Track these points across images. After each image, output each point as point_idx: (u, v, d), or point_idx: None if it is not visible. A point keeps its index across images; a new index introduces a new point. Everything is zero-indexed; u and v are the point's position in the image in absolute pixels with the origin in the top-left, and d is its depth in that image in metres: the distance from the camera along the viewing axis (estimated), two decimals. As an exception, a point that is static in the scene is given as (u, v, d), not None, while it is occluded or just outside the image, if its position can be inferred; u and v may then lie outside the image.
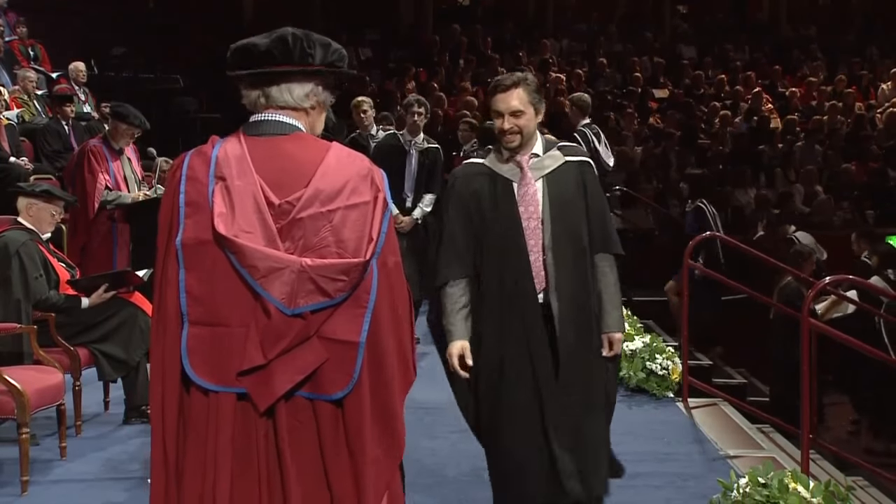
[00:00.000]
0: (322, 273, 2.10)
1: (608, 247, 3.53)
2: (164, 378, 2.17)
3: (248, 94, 2.28)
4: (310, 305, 2.10)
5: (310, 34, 2.28)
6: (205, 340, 2.13)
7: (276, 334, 2.09)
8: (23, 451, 4.36)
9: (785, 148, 13.48)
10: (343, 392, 2.13)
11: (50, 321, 5.06)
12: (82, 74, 10.80)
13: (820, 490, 3.68)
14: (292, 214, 2.14)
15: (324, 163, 2.19)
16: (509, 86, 3.41)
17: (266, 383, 2.10)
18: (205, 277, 2.13)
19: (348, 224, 2.16)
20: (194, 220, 2.15)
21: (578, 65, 16.09)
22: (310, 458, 2.15)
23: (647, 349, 6.31)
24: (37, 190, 5.40)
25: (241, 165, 2.17)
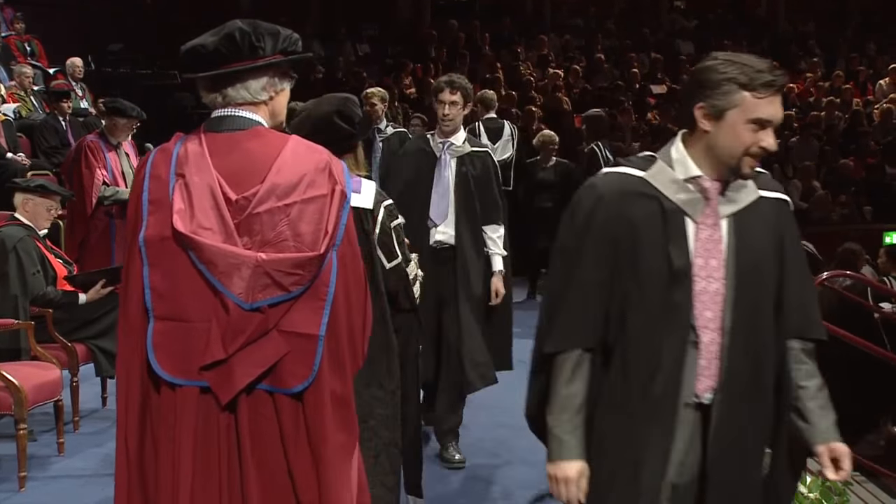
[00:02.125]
0: (277, 267, 2.13)
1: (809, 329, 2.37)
2: (131, 373, 2.20)
3: (206, 95, 2.30)
4: (268, 300, 2.13)
5: (258, 25, 2.29)
6: (169, 335, 2.15)
7: (236, 329, 2.12)
8: (20, 447, 4.36)
9: (782, 143, 13.48)
10: (303, 385, 2.16)
11: (47, 317, 5.06)
12: (79, 70, 10.78)
13: (817, 485, 3.68)
14: (249, 209, 2.16)
15: (280, 157, 2.21)
16: None
17: (227, 377, 2.13)
18: (168, 273, 2.16)
19: (305, 218, 2.17)
20: (157, 217, 2.18)
21: (576, 60, 16.07)
22: (271, 451, 2.18)
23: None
24: (33, 185, 5.40)
25: (199, 162, 2.19)
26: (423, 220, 4.67)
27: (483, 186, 4.74)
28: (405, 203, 4.15)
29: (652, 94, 15.16)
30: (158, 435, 2.18)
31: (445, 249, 4.74)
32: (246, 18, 2.36)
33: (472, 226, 4.72)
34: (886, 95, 14.78)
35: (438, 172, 4.75)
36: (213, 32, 2.27)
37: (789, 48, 17.16)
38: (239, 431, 2.16)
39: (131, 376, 2.19)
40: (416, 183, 4.74)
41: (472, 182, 4.73)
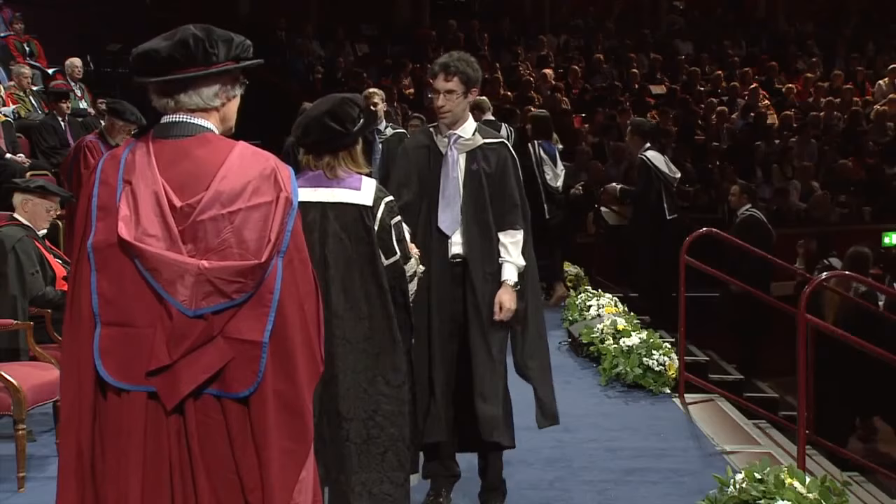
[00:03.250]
0: (219, 275, 2.14)
1: None
2: (80, 378, 2.21)
3: (157, 100, 2.30)
4: (210, 307, 2.14)
5: (211, 32, 2.28)
6: (116, 341, 2.17)
7: (180, 335, 2.14)
8: (19, 447, 4.36)
9: (781, 144, 13.49)
10: (249, 390, 2.18)
11: (46, 317, 5.05)
12: (78, 70, 10.77)
13: (816, 485, 3.69)
14: (193, 217, 2.17)
15: (225, 164, 2.21)
16: None
17: (172, 382, 2.15)
18: (114, 279, 2.17)
19: (249, 225, 2.18)
20: (105, 223, 2.19)
21: (575, 61, 16.08)
22: (220, 455, 2.19)
23: (644, 345, 6.32)
24: (32, 186, 5.39)
25: (145, 169, 2.20)
26: (429, 231, 3.95)
27: (498, 185, 3.98)
28: (409, 211, 3.83)
29: (651, 94, 15.16)
30: (105, 438, 2.20)
31: (459, 265, 3.98)
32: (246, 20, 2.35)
33: (484, 235, 3.94)
34: (885, 95, 14.79)
35: (445, 173, 3.96)
36: (165, 37, 2.26)
37: (788, 48, 17.17)
38: (188, 435, 2.18)
39: (83, 381, 2.20)
40: (419, 186, 3.96)
41: (485, 181, 3.96)
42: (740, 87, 15.24)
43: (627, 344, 6.35)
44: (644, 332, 6.61)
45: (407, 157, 4.10)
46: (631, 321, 6.92)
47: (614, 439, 5.20)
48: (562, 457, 4.89)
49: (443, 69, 3.90)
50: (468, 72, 3.90)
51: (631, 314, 7.30)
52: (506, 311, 3.90)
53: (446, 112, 3.93)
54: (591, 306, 7.53)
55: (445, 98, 3.90)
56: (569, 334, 7.56)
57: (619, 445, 5.10)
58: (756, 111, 14.37)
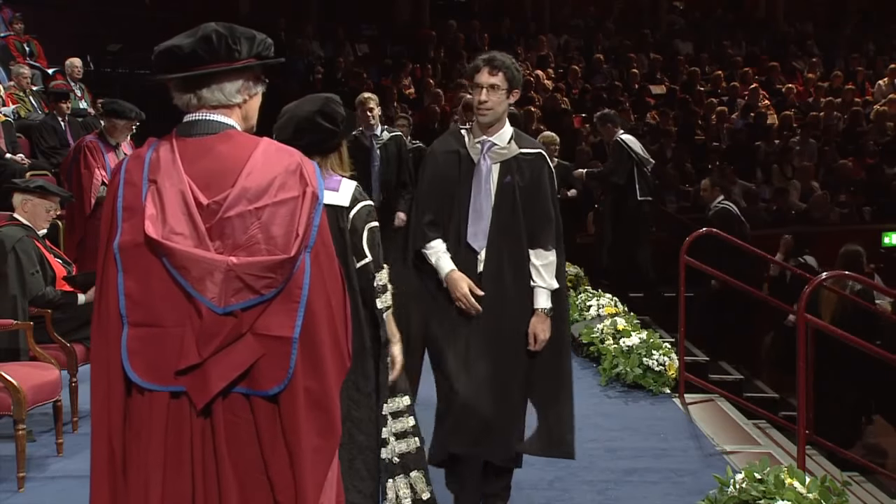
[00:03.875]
0: (249, 271, 2.13)
1: None
2: (109, 379, 2.20)
3: (179, 97, 2.29)
4: (240, 303, 2.13)
5: (234, 29, 2.28)
6: (144, 341, 2.16)
7: (209, 333, 2.13)
8: (19, 447, 4.36)
9: (781, 144, 13.49)
10: (279, 387, 2.17)
11: (46, 317, 5.05)
12: (78, 70, 10.78)
13: (816, 485, 3.69)
14: (220, 214, 2.16)
15: (250, 160, 2.21)
16: None
17: (202, 381, 2.14)
18: (141, 279, 2.16)
19: (277, 220, 2.17)
20: (131, 223, 2.18)
21: (575, 61, 16.08)
22: (249, 454, 2.18)
23: (644, 345, 6.32)
24: (32, 186, 5.39)
25: (170, 167, 2.20)
26: (457, 244, 3.72)
27: (532, 200, 3.69)
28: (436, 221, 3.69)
29: (651, 94, 15.16)
30: (130, 438, 2.19)
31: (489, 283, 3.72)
32: (247, 19, 2.35)
33: (514, 253, 3.69)
34: (885, 95, 14.79)
35: (477, 184, 3.68)
36: (187, 34, 2.26)
37: (788, 48, 17.17)
38: (215, 435, 2.16)
39: (112, 381, 2.20)
40: (448, 195, 3.71)
41: (519, 195, 3.68)
42: (740, 88, 15.24)
43: (627, 344, 6.36)
44: (644, 332, 6.61)
45: (436, 162, 3.78)
46: (631, 321, 6.92)
47: (614, 439, 5.20)
48: (562, 457, 4.89)
49: (488, 63, 3.64)
50: (513, 70, 3.66)
51: (631, 314, 7.31)
52: (540, 342, 3.70)
53: (488, 109, 3.63)
54: (591, 306, 7.54)
55: (489, 93, 3.62)
56: (569, 334, 7.55)
57: (619, 445, 5.10)
58: (756, 111, 14.37)
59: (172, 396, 2.16)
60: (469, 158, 3.69)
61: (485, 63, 3.64)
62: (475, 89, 3.65)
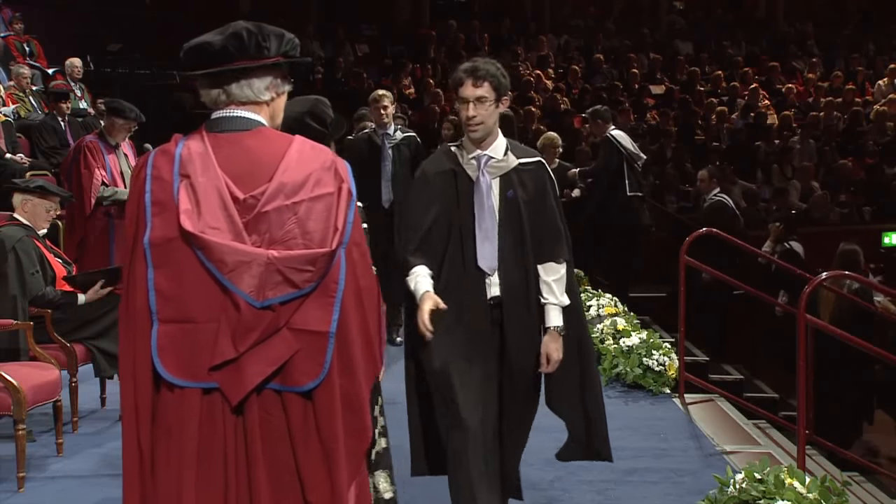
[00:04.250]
0: (289, 264, 2.12)
1: None
2: (137, 376, 2.19)
3: (207, 93, 2.29)
4: (278, 297, 2.12)
5: (263, 26, 2.28)
6: (175, 337, 2.15)
7: (247, 327, 2.12)
8: (19, 447, 4.36)
9: (781, 144, 13.49)
10: (314, 383, 2.16)
11: (46, 317, 5.05)
12: (78, 70, 10.78)
13: (816, 485, 3.69)
14: (257, 208, 2.16)
15: (286, 156, 2.21)
16: None
17: (237, 377, 2.12)
18: (173, 275, 2.15)
19: (313, 215, 2.17)
20: (161, 218, 2.17)
21: (575, 61, 16.08)
22: (281, 452, 2.17)
23: (644, 345, 6.32)
24: (32, 186, 5.39)
25: (204, 162, 2.19)
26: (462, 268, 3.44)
27: (538, 213, 3.48)
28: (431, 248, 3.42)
29: (651, 94, 15.17)
30: (159, 436, 2.17)
31: (498, 307, 3.48)
32: (246, 19, 2.36)
33: (523, 272, 3.48)
34: (885, 95, 14.79)
35: (479, 202, 3.43)
36: (217, 31, 2.26)
37: (788, 48, 17.17)
38: (247, 431, 2.15)
39: (140, 379, 2.18)
40: (445, 219, 3.44)
41: (524, 210, 3.46)
42: (740, 87, 15.24)
43: (627, 344, 6.35)
44: (644, 332, 6.61)
45: (426, 185, 3.48)
46: (631, 321, 6.92)
47: (614, 439, 5.14)
48: (562, 457, 4.88)
49: (470, 74, 3.40)
50: (499, 77, 3.42)
51: (631, 314, 7.30)
52: (554, 362, 3.47)
53: (478, 125, 3.38)
54: (591, 306, 7.53)
55: (476, 106, 3.37)
56: (569, 334, 7.54)
57: (619, 445, 5.07)
58: (756, 111, 14.37)
59: (205, 393, 2.14)
60: (466, 176, 3.43)
61: (467, 74, 3.40)
62: (461, 104, 3.41)
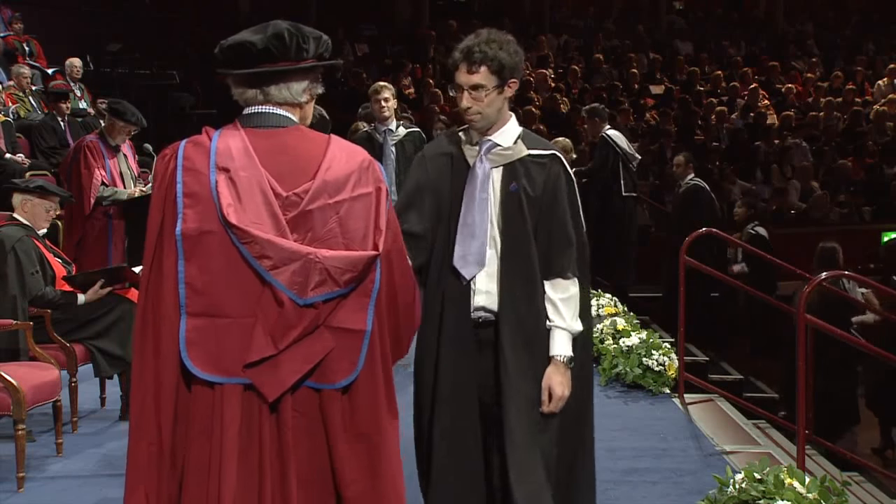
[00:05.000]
0: (335, 264, 2.13)
1: None
2: (159, 372, 2.15)
3: (243, 91, 2.27)
4: (322, 295, 2.12)
5: (301, 28, 2.27)
6: (205, 332, 2.12)
7: (288, 324, 2.11)
8: (19, 447, 4.36)
9: (781, 144, 13.50)
10: (347, 380, 2.16)
11: (46, 317, 5.05)
12: (78, 70, 10.78)
13: (816, 485, 3.69)
14: (301, 206, 2.16)
15: (328, 155, 2.22)
16: None
17: (274, 374, 2.11)
18: (206, 268, 2.12)
19: (354, 215, 2.18)
20: (195, 210, 2.14)
21: (575, 61, 16.08)
22: (315, 448, 2.17)
23: (644, 345, 6.32)
24: (31, 186, 5.39)
25: (245, 157, 2.18)
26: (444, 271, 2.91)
27: (546, 213, 2.91)
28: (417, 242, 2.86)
29: (651, 94, 15.17)
30: (190, 433, 2.15)
31: (488, 324, 2.90)
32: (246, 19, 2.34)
33: (525, 284, 2.88)
34: (885, 95, 14.80)
35: (470, 192, 2.91)
36: (256, 30, 2.24)
37: (788, 48, 17.17)
38: (282, 430, 2.14)
39: (163, 374, 2.15)
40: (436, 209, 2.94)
41: (527, 206, 2.89)
42: (740, 87, 15.24)
43: (627, 344, 6.35)
44: (644, 332, 6.61)
45: (424, 168, 2.99)
46: (630, 321, 6.92)
47: (614, 439, 5.20)
48: (561, 457, 4.89)
49: (465, 57, 2.85)
50: (500, 57, 2.84)
51: (631, 314, 7.30)
52: (556, 400, 2.85)
53: (474, 115, 2.89)
54: (591, 306, 7.53)
55: (471, 96, 2.87)
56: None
57: (619, 445, 5.10)
58: (756, 111, 14.37)
59: (245, 389, 2.13)
60: (464, 161, 2.94)
61: (462, 57, 2.87)
62: (457, 92, 2.91)
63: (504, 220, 2.90)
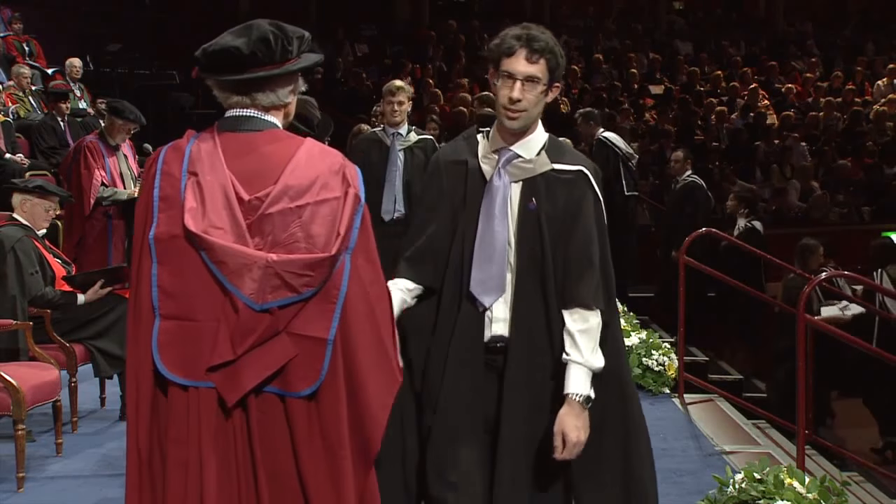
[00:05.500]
0: (288, 268, 2.10)
1: None
2: (138, 374, 2.18)
3: (227, 97, 2.25)
4: (277, 301, 2.10)
5: (283, 27, 2.24)
6: (175, 335, 2.13)
7: (245, 330, 2.10)
8: (19, 447, 4.36)
9: (781, 144, 13.49)
10: (311, 388, 2.13)
11: (46, 317, 5.05)
12: (77, 70, 10.78)
13: (815, 485, 3.69)
14: (261, 210, 2.14)
15: (294, 158, 2.19)
16: None
17: (234, 378, 2.11)
18: (176, 272, 2.13)
19: (317, 219, 2.15)
20: (167, 214, 2.15)
21: (575, 61, 16.07)
22: (281, 455, 2.16)
23: (644, 345, 6.32)
24: (31, 186, 5.39)
25: (212, 161, 2.17)
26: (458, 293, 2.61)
27: (565, 234, 2.60)
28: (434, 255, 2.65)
29: (650, 94, 15.16)
30: (166, 436, 2.15)
31: (500, 351, 2.61)
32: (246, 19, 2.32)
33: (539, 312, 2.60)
34: (885, 95, 14.79)
35: (488, 208, 2.59)
36: (239, 33, 2.21)
37: (787, 48, 17.17)
38: (250, 434, 2.14)
39: (141, 376, 2.17)
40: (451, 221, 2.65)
41: (547, 227, 2.58)
42: (740, 87, 15.24)
43: (627, 344, 6.36)
44: (644, 332, 6.61)
45: (439, 175, 2.70)
46: (630, 321, 6.92)
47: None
48: (561, 457, 4.88)
49: (526, 44, 2.56)
50: (558, 55, 2.60)
51: (630, 314, 7.30)
52: (571, 446, 2.52)
53: (519, 112, 2.55)
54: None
55: (524, 88, 2.53)
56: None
57: (619, 445, 5.09)
58: (755, 111, 14.37)
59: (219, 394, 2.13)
60: (480, 172, 2.62)
61: (521, 43, 2.56)
62: (504, 80, 2.56)
63: (519, 241, 2.58)
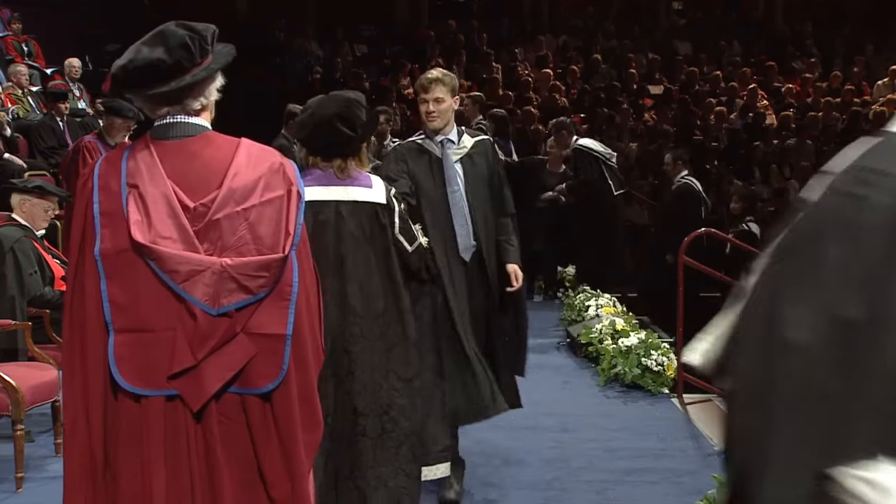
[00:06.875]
0: (242, 271, 2.14)
1: None
2: (87, 386, 2.20)
3: (157, 108, 2.24)
4: (233, 304, 2.14)
5: (194, 27, 2.25)
6: (132, 347, 2.16)
7: (203, 335, 2.13)
8: (18, 447, 4.36)
9: (780, 144, 13.50)
10: (273, 384, 2.18)
11: (45, 318, 5.05)
12: (76, 70, 10.78)
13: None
14: (208, 216, 2.16)
15: (234, 161, 2.21)
16: None
17: (197, 384, 2.14)
18: (127, 285, 2.16)
19: (264, 220, 2.18)
20: (111, 229, 2.17)
21: (574, 61, 16.08)
22: (241, 451, 2.20)
23: (643, 345, 6.32)
24: (30, 186, 5.39)
25: (151, 172, 2.19)
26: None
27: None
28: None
29: (650, 94, 15.16)
30: (120, 445, 2.18)
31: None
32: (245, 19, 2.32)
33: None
34: (884, 95, 14.80)
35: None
36: (153, 42, 2.20)
37: (786, 48, 17.17)
38: (209, 436, 2.16)
39: (91, 387, 2.19)
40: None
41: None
42: (739, 88, 15.24)
43: (626, 344, 6.36)
44: (643, 332, 6.61)
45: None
46: (629, 321, 6.92)
47: (613, 439, 5.20)
48: (560, 457, 4.89)
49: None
50: None
51: (630, 314, 7.31)
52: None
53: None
54: (590, 306, 7.54)
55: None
56: (567, 335, 7.56)
57: (618, 445, 5.10)
58: (754, 111, 14.37)
59: (167, 401, 2.16)
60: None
61: None
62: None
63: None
